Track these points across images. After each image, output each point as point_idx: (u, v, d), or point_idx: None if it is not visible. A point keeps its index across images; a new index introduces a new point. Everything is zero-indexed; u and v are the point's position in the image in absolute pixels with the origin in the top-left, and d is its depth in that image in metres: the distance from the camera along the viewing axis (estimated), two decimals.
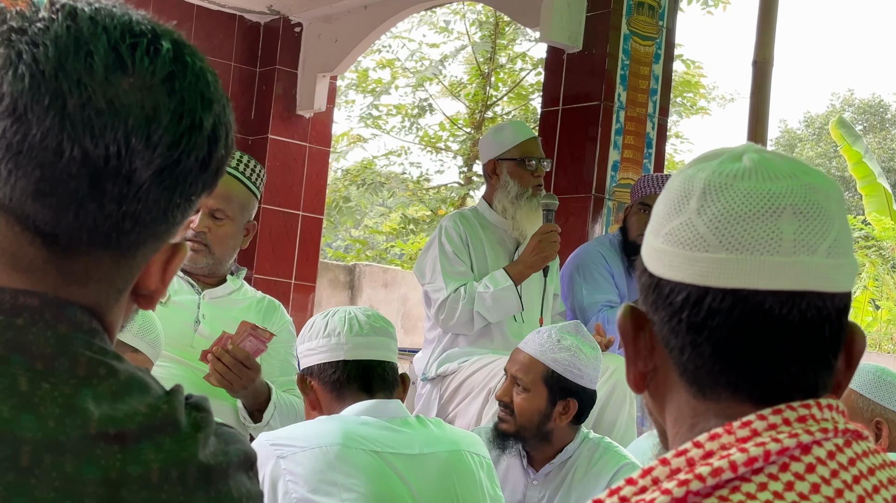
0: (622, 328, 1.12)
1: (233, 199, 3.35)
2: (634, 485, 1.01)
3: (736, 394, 1.05)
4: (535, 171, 4.30)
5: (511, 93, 14.78)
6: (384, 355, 2.56)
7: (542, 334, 3.24)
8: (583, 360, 3.20)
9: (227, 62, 7.25)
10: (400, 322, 9.74)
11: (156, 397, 0.97)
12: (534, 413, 3.19)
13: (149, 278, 1.03)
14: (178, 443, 0.95)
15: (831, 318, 1.04)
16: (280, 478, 2.31)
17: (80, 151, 0.92)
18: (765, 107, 5.03)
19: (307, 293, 7.35)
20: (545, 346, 3.20)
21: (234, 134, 1.04)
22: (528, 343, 3.26)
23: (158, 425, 0.95)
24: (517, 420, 3.20)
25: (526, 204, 4.29)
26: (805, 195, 1.04)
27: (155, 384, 0.98)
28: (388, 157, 15.62)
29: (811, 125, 32.06)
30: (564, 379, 3.18)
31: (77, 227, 0.95)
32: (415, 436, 2.46)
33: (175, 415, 0.96)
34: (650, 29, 5.87)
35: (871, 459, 1.03)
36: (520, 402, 3.20)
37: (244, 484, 1.00)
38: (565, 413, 3.20)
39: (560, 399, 3.18)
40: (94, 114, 0.92)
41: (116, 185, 0.94)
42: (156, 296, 1.04)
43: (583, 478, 3.20)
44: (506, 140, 4.33)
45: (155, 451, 0.93)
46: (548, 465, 3.24)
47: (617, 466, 3.18)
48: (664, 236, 1.07)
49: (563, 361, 3.18)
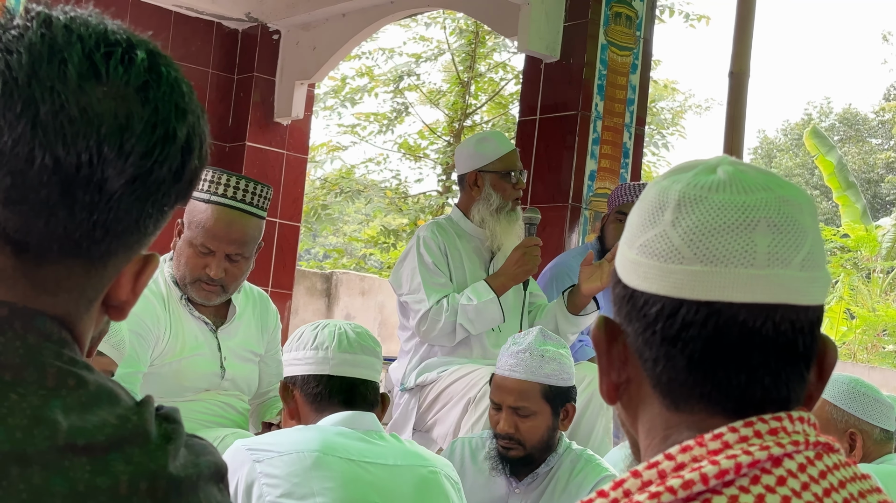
0: (596, 339, 1.12)
1: (249, 241, 3.31)
2: (606, 497, 1.01)
3: (709, 406, 1.05)
4: (516, 183, 4.30)
5: (491, 102, 14.80)
6: (369, 374, 2.56)
7: (522, 355, 3.21)
8: (566, 364, 3.24)
9: (204, 69, 7.23)
10: (377, 330, 9.72)
11: (126, 408, 0.96)
12: (543, 432, 3.21)
13: (120, 289, 1.02)
14: (147, 455, 0.94)
15: (805, 331, 1.05)
16: (255, 482, 2.31)
17: (52, 159, 0.91)
18: (741, 117, 5.05)
19: (284, 301, 7.33)
20: (533, 366, 3.19)
21: (209, 146, 1.03)
22: (513, 369, 3.22)
23: (128, 437, 0.94)
24: (527, 446, 3.21)
25: (506, 217, 4.29)
26: (779, 208, 1.04)
27: (125, 395, 0.97)
28: (367, 164, 15.60)
29: (789, 135, 32.22)
30: (560, 388, 3.21)
31: (47, 235, 0.94)
32: (390, 448, 2.46)
33: (145, 426, 0.95)
34: (627, 39, 5.89)
35: (842, 472, 1.03)
36: (528, 429, 3.20)
37: (214, 496, 1.00)
38: (567, 418, 3.25)
39: (561, 408, 3.22)
40: (66, 121, 0.91)
41: (88, 193, 0.94)
42: (126, 307, 1.04)
43: (564, 488, 3.21)
44: (489, 152, 4.31)
45: (124, 463, 0.92)
46: (531, 475, 3.24)
47: (598, 478, 3.19)
48: (638, 247, 1.07)
49: (554, 373, 3.20)
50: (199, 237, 3.25)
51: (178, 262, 3.30)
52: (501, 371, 3.25)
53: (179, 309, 3.32)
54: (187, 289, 3.31)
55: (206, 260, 3.25)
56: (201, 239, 3.24)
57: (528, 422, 3.19)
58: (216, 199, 3.25)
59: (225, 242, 3.25)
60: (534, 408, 3.19)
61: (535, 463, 3.24)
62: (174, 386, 3.26)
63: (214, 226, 3.24)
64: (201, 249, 3.25)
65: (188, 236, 3.27)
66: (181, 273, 3.29)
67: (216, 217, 3.24)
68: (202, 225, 3.24)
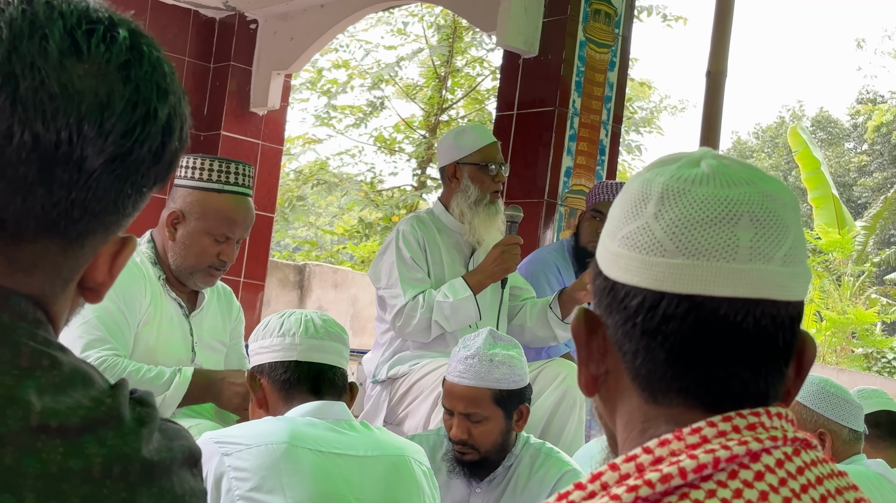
0: (575, 331, 1.11)
1: (253, 220, 3.44)
2: (583, 489, 1.00)
3: (687, 400, 1.04)
4: (495, 176, 4.29)
5: (467, 97, 14.80)
6: (336, 360, 2.56)
7: (470, 361, 3.18)
8: (517, 366, 3.20)
9: (180, 57, 7.19)
10: (349, 323, 9.70)
11: (100, 390, 0.94)
12: (497, 436, 3.19)
13: (96, 270, 1.01)
14: (121, 438, 0.93)
15: (785, 327, 1.05)
16: (224, 475, 2.30)
17: (31, 136, 0.90)
18: (717, 117, 5.06)
19: (256, 292, 7.30)
20: (482, 371, 3.16)
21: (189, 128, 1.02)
22: (462, 375, 3.19)
23: (102, 419, 0.92)
24: (482, 450, 3.19)
25: (484, 210, 4.27)
26: (762, 203, 1.04)
27: (99, 377, 0.96)
28: (342, 157, 15.58)
29: (761, 137, 32.39)
30: (511, 391, 3.18)
31: (25, 213, 0.93)
32: (360, 438, 2.45)
33: (119, 409, 0.94)
34: (606, 36, 5.89)
35: (819, 468, 1.03)
36: (481, 434, 3.18)
37: (188, 481, 0.99)
38: (521, 419, 3.22)
39: (514, 410, 3.19)
40: (46, 98, 0.90)
41: (67, 171, 0.92)
42: (102, 290, 1.02)
43: (526, 484, 3.21)
44: (468, 144, 4.30)
45: (97, 446, 0.91)
46: (489, 475, 3.23)
47: (560, 473, 3.20)
48: (620, 239, 1.07)
49: (504, 377, 3.17)
50: (220, 226, 3.32)
51: (186, 254, 3.33)
52: (451, 377, 3.22)
53: (157, 287, 3.34)
54: (193, 278, 3.36)
55: (221, 247, 3.34)
56: (222, 228, 3.33)
57: (481, 427, 3.17)
58: (230, 188, 3.34)
59: (242, 228, 3.38)
60: (485, 413, 3.17)
61: (491, 465, 3.23)
62: (148, 361, 3.27)
63: (236, 214, 3.35)
64: (220, 238, 3.33)
65: (204, 226, 3.32)
66: (190, 262, 3.33)
67: (235, 206, 3.35)
68: (222, 215, 3.32)
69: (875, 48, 53.66)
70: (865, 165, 27.90)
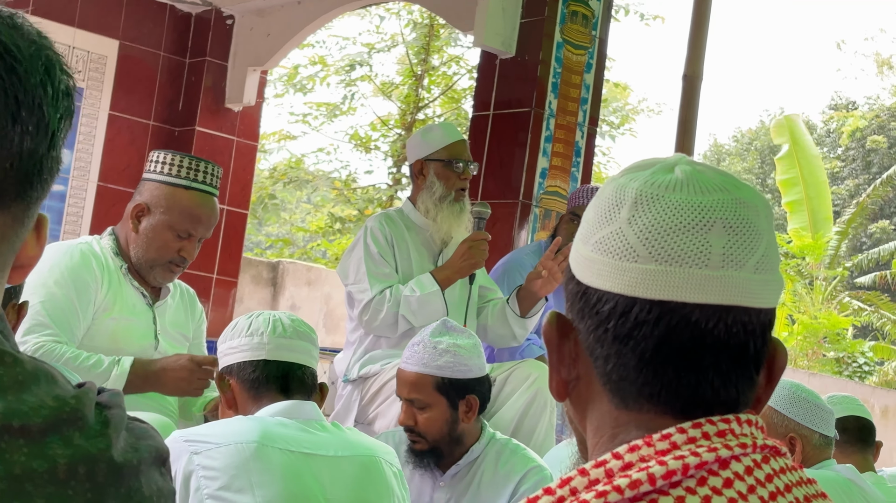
0: (547, 335, 1.11)
1: (217, 220, 3.45)
2: (552, 494, 1.00)
3: (658, 405, 1.04)
4: (461, 173, 4.28)
5: (443, 96, 14.79)
6: (305, 359, 2.55)
7: (417, 347, 3.22)
8: (464, 356, 3.19)
9: (155, 52, 7.16)
10: (322, 321, 9.69)
11: (64, 390, 0.93)
12: (441, 424, 3.19)
13: (27, 244, 0.98)
14: (87, 439, 0.91)
15: (756, 334, 1.05)
16: (193, 474, 2.29)
17: None
18: (693, 120, 5.08)
19: (229, 288, 7.28)
20: (425, 358, 3.18)
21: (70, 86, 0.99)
22: (407, 361, 3.23)
23: (66, 419, 0.91)
24: (428, 438, 3.20)
25: (449, 207, 4.27)
26: (735, 210, 1.04)
27: (61, 377, 0.94)
28: (317, 154, 15.55)
29: (740, 141, 32.54)
30: (455, 380, 3.18)
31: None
32: (330, 439, 2.45)
33: (83, 409, 0.92)
34: (583, 38, 5.90)
35: (788, 476, 1.03)
36: (425, 421, 3.19)
37: (156, 481, 0.97)
38: (470, 410, 3.21)
39: (460, 400, 3.19)
40: None
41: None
42: (30, 265, 1.00)
43: (491, 479, 3.21)
44: (434, 141, 4.31)
45: (63, 446, 0.89)
46: (454, 467, 3.24)
47: (525, 469, 3.20)
48: (594, 244, 1.07)
49: (447, 365, 3.18)
50: (184, 222, 3.35)
51: (148, 247, 3.35)
52: (401, 363, 3.28)
53: (118, 276, 3.36)
54: (153, 271, 3.38)
55: (183, 243, 3.36)
56: (186, 224, 3.35)
57: (424, 414, 3.19)
58: (197, 186, 3.37)
59: (205, 227, 3.40)
60: (427, 400, 3.18)
61: (444, 456, 3.23)
62: (111, 346, 3.29)
63: (201, 212, 3.37)
64: (182, 234, 3.35)
65: (168, 221, 3.34)
66: (151, 256, 3.36)
67: (201, 203, 3.38)
68: (187, 211, 3.35)
69: (855, 50, 54.01)
70: (838, 171, 28.05)
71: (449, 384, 3.18)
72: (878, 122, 27.68)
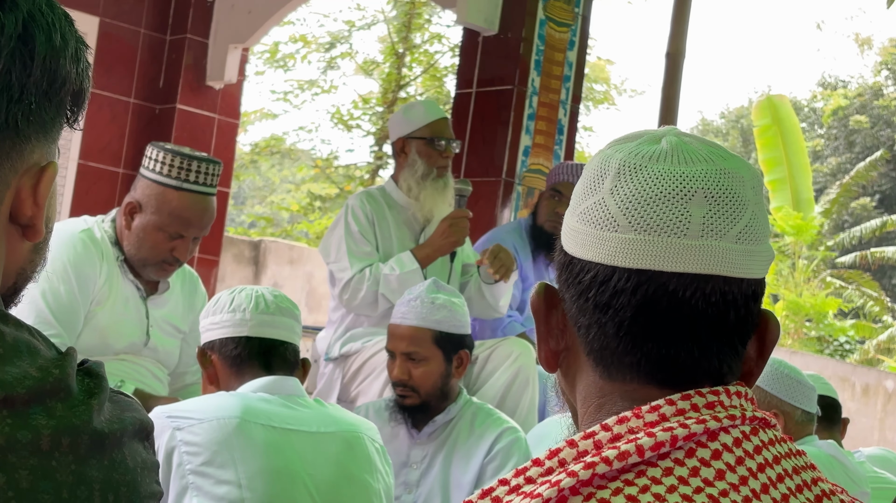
0: (535, 306, 1.11)
1: (213, 219, 3.37)
2: (541, 466, 1.00)
3: (640, 375, 1.05)
4: (443, 151, 4.27)
5: (425, 74, 14.77)
6: (287, 336, 2.54)
7: (413, 303, 3.31)
8: (458, 311, 3.32)
9: (135, 29, 7.11)
10: (304, 300, 9.68)
11: (47, 360, 0.92)
12: (437, 378, 3.28)
13: (22, 204, 0.98)
14: (70, 409, 0.91)
15: (737, 304, 1.04)
16: (175, 450, 2.28)
17: None
18: (675, 97, 5.08)
19: (210, 267, 7.26)
20: (423, 312, 3.28)
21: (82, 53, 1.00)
22: (404, 316, 3.32)
23: (50, 389, 0.90)
24: (422, 392, 3.28)
25: (431, 184, 4.25)
26: (718, 180, 1.03)
27: (44, 347, 0.94)
28: (298, 132, 15.51)
29: (727, 117, 32.63)
30: (451, 334, 3.30)
31: None
32: (313, 414, 2.44)
33: (67, 380, 0.92)
34: (566, 15, 5.88)
35: (777, 447, 1.03)
36: (421, 375, 3.27)
37: (140, 453, 0.97)
38: (461, 365, 3.31)
39: (454, 354, 3.29)
40: None
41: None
42: (37, 223, 0.99)
43: (466, 440, 3.28)
44: (416, 118, 4.29)
45: (46, 417, 0.89)
46: (430, 425, 3.31)
47: (500, 429, 3.26)
48: (579, 215, 1.07)
49: (445, 320, 3.29)
50: (174, 225, 3.27)
51: (140, 245, 3.29)
52: (395, 320, 3.35)
53: (115, 267, 3.31)
54: (145, 270, 3.32)
55: (175, 243, 3.28)
56: (175, 226, 3.27)
57: (421, 367, 3.27)
58: (188, 187, 3.27)
59: (197, 228, 3.31)
60: (425, 353, 3.27)
61: (431, 411, 3.30)
62: (98, 342, 3.25)
63: (190, 213, 3.28)
64: (173, 235, 3.27)
65: (157, 222, 3.26)
66: (143, 255, 3.29)
67: (191, 204, 3.28)
68: (176, 213, 3.26)
69: (835, 30, 54.12)
70: (821, 150, 28.13)
71: (447, 338, 3.28)
72: (861, 102, 27.75)
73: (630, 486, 0.96)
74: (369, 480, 2.46)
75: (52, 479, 0.88)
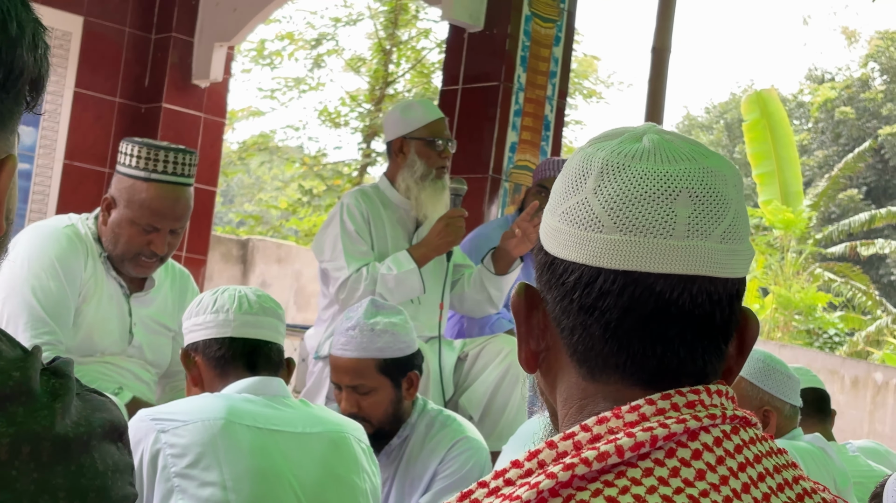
0: (515, 306, 1.10)
1: (189, 212, 3.31)
2: (521, 467, 0.99)
3: (625, 376, 1.04)
4: (442, 151, 4.27)
5: (413, 70, 14.75)
6: (271, 336, 2.53)
7: (351, 332, 3.13)
8: (401, 333, 3.15)
9: (120, 27, 7.08)
10: (293, 298, 9.66)
11: (8, 362, 0.89)
12: (387, 405, 3.13)
13: None
14: (31, 415, 0.87)
15: (722, 304, 1.04)
16: (160, 453, 2.27)
17: None
18: (661, 92, 5.08)
19: (198, 266, 7.23)
20: (363, 341, 3.11)
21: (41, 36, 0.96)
22: (344, 347, 3.14)
23: (10, 394, 0.87)
24: (374, 422, 3.10)
25: (430, 185, 4.25)
26: (702, 179, 1.03)
27: (8, 347, 0.91)
28: (286, 130, 15.49)
29: (711, 112, 32.66)
30: (397, 359, 3.13)
31: None
32: (297, 415, 2.43)
33: (29, 383, 0.89)
34: (551, 11, 5.87)
35: (758, 446, 1.02)
36: (370, 405, 3.12)
37: (111, 454, 0.94)
38: (412, 387, 3.16)
39: (402, 378, 3.14)
40: None
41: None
42: None
43: (419, 453, 3.17)
44: (415, 119, 4.28)
45: (6, 424, 0.86)
46: (386, 449, 3.17)
47: (452, 441, 3.15)
48: (560, 215, 1.06)
49: (387, 346, 3.12)
50: (145, 217, 3.22)
51: (116, 241, 3.25)
52: (335, 351, 3.17)
53: (99, 264, 3.29)
54: (124, 265, 3.29)
55: (150, 237, 3.23)
56: (147, 218, 3.22)
57: (369, 398, 3.12)
58: (157, 177, 3.22)
59: (171, 219, 3.25)
60: (371, 384, 3.11)
61: (387, 435, 3.17)
62: (85, 342, 3.23)
63: (160, 204, 3.22)
64: (147, 228, 3.23)
65: (129, 216, 3.23)
66: (119, 251, 3.26)
67: (160, 195, 3.22)
68: (146, 205, 3.21)
69: (821, 24, 54.16)
70: (808, 144, 28.17)
71: (392, 364, 3.12)
72: (848, 94, 27.79)
73: (610, 488, 0.95)
74: (356, 480, 2.46)
75: (11, 489, 0.85)
